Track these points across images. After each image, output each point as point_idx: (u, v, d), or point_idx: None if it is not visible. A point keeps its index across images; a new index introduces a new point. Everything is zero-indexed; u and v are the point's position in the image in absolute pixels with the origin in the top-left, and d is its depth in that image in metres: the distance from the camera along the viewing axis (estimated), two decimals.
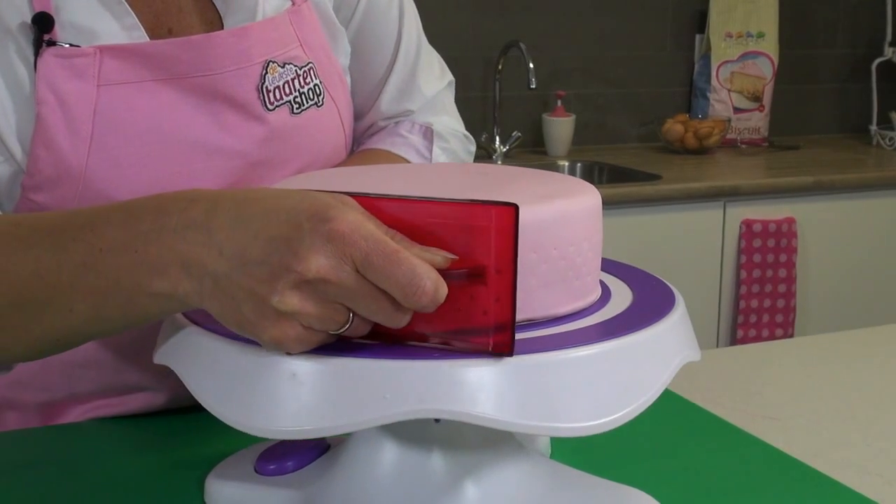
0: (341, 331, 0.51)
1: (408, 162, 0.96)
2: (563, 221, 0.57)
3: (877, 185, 2.46)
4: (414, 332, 0.52)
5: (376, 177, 0.68)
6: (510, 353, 0.51)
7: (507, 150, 2.66)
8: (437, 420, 0.59)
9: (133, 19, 0.75)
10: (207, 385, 0.55)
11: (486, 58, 2.72)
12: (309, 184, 0.63)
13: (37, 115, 0.73)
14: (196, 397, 0.55)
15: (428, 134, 0.99)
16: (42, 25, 0.72)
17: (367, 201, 0.52)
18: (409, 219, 0.51)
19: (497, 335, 0.51)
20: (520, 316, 0.54)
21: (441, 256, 0.50)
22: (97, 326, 0.60)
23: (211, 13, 0.80)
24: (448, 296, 0.50)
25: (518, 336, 0.52)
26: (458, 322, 0.51)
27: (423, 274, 0.48)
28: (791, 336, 2.39)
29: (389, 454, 0.62)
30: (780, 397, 0.95)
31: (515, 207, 0.48)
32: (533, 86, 2.52)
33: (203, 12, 0.80)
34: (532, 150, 2.78)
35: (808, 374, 1.02)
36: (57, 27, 0.73)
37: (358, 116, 0.96)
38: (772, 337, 2.38)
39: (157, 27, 0.78)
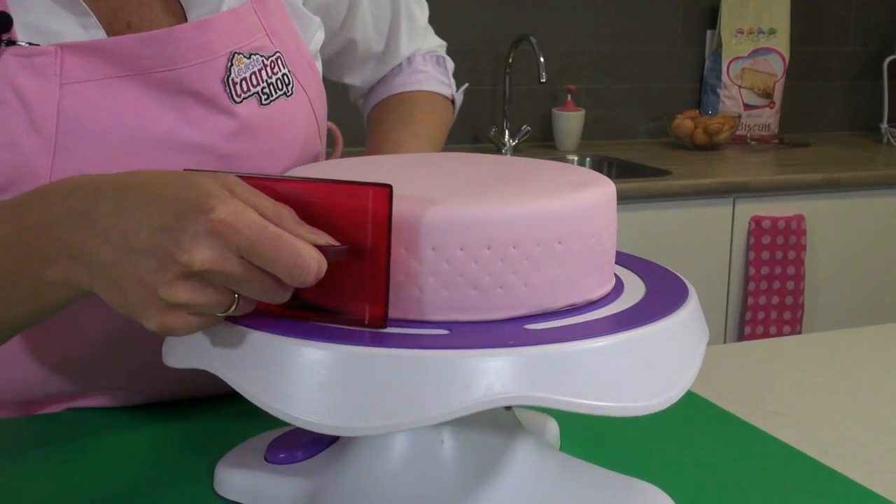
0: (227, 312, 0.52)
1: (441, 96, 1.05)
2: (597, 208, 0.59)
3: (886, 183, 2.45)
4: (298, 307, 0.55)
5: (400, 165, 0.68)
6: (384, 326, 0.53)
7: (517, 144, 2.66)
8: (507, 408, 0.60)
9: (91, 18, 0.73)
10: (255, 380, 0.53)
11: (497, 51, 2.71)
12: (348, 172, 0.63)
13: None
14: (247, 396, 0.54)
15: (441, 62, 1.07)
16: (0, 25, 0.70)
17: (258, 182, 0.55)
18: (297, 197, 0.54)
19: (372, 310, 0.53)
20: (565, 301, 0.58)
21: (324, 238, 0.52)
22: (11, 320, 0.63)
23: (174, 4, 0.78)
24: (328, 272, 0.52)
25: (565, 322, 0.56)
26: (338, 296, 0.54)
27: (306, 255, 0.50)
28: (799, 333, 2.39)
29: (399, 443, 0.62)
30: (791, 393, 0.95)
31: (390, 188, 0.51)
32: (543, 80, 2.52)
33: (166, 4, 0.78)
34: (541, 145, 2.77)
35: (818, 370, 1.01)
36: (16, 27, 0.71)
37: (387, 63, 1.04)
38: (779, 334, 2.38)
39: (116, 22, 0.76)
